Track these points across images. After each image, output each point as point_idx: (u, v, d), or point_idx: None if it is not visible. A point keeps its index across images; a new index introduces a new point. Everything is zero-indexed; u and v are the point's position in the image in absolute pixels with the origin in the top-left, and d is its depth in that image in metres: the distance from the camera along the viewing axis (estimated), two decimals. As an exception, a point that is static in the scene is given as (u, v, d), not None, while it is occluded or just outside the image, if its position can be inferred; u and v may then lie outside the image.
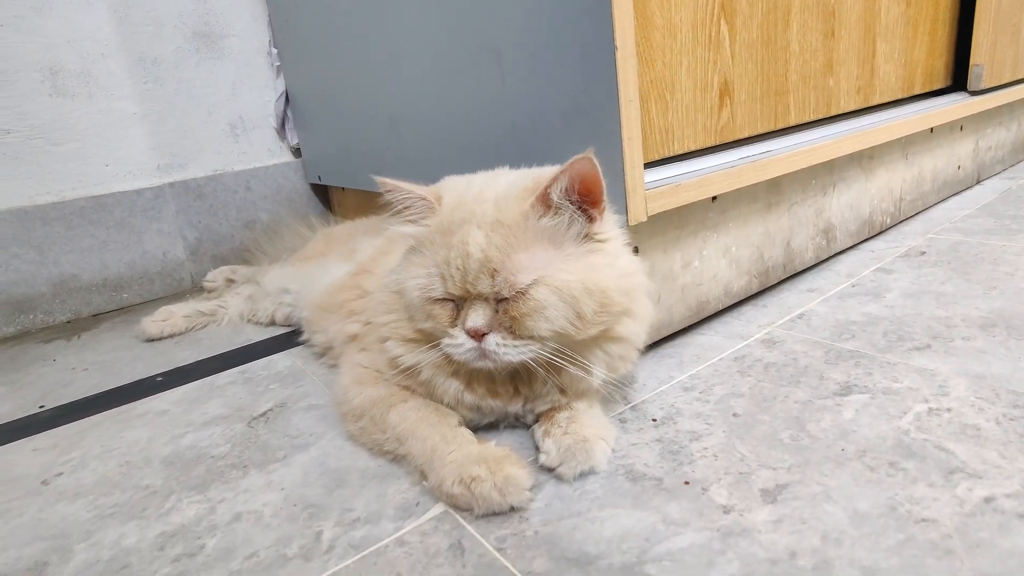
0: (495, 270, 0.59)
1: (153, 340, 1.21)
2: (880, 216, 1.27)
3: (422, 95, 1.04)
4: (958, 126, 1.44)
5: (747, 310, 1.00)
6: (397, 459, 0.69)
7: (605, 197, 0.63)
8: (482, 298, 0.61)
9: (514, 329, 0.60)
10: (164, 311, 1.24)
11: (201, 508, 0.66)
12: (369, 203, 1.38)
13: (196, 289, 1.52)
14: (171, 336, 1.22)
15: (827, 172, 1.10)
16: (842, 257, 1.19)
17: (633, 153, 0.71)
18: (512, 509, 0.59)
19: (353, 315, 0.86)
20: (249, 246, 1.59)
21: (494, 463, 0.60)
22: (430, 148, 1.07)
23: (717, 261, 0.94)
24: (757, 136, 1.03)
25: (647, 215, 0.75)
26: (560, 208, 0.60)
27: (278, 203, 1.67)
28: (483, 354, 0.61)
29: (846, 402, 0.71)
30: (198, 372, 1.03)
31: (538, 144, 0.83)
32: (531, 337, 0.60)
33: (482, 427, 0.73)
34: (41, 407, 0.97)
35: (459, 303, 0.63)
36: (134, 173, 1.47)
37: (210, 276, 1.47)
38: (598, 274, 0.61)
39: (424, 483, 0.64)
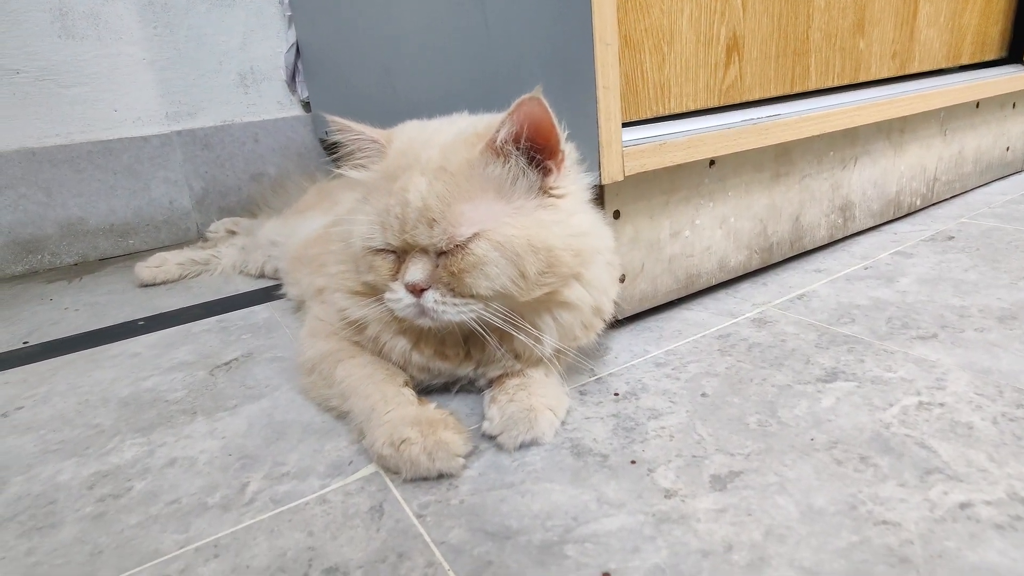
0: (434, 220, 0.55)
1: (146, 285, 1.21)
2: (909, 196, 1.17)
3: (412, 44, 0.99)
4: (1010, 102, 1.31)
5: (744, 287, 0.94)
6: (341, 416, 0.66)
7: (563, 147, 0.57)
8: (422, 251, 0.57)
9: (453, 286, 0.56)
10: (158, 257, 1.24)
11: (140, 451, 0.65)
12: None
13: (201, 239, 1.52)
14: (164, 283, 1.23)
15: (848, 143, 1.01)
16: (860, 238, 1.10)
17: (609, 103, 0.65)
18: (441, 475, 0.56)
19: (322, 268, 0.83)
20: (256, 199, 1.57)
21: (428, 426, 0.57)
22: (419, 99, 1.02)
23: (712, 232, 0.87)
24: (770, 99, 0.94)
25: (624, 174, 0.69)
26: (509, 156, 0.55)
27: (286, 157, 1.65)
28: (422, 311, 0.57)
29: (828, 389, 0.65)
30: (179, 318, 1.03)
31: (521, 92, 0.78)
32: (471, 295, 0.56)
33: (435, 389, 0.70)
34: (25, 343, 0.98)
35: (401, 255, 0.59)
36: (142, 119, 1.47)
37: (213, 227, 1.47)
38: (546, 231, 0.56)
39: (362, 442, 0.61)
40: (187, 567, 0.48)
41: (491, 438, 0.60)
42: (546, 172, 0.57)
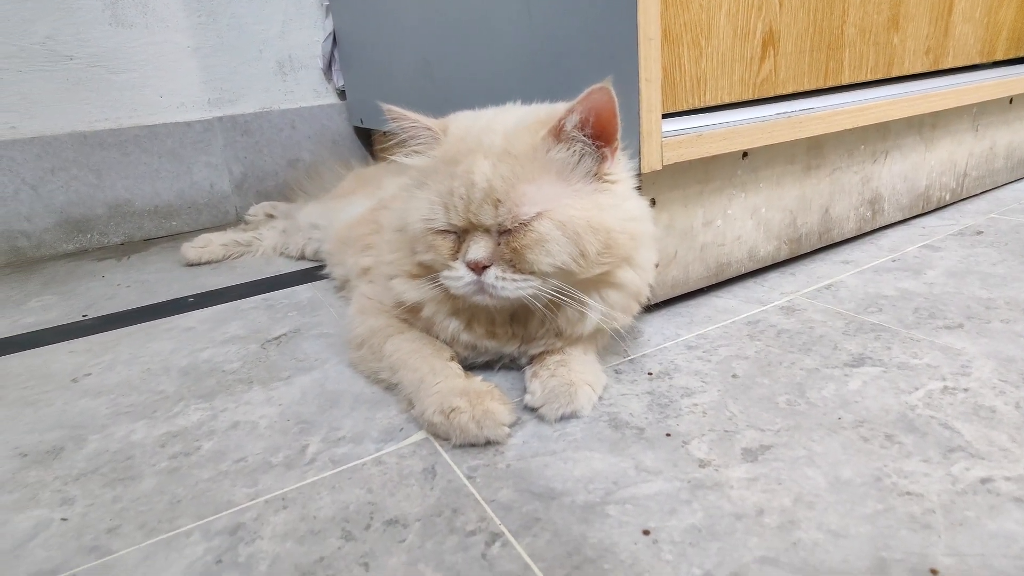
0: (499, 200, 0.58)
1: (192, 265, 1.27)
2: (938, 191, 1.18)
3: (453, 35, 1.03)
4: (1044, 99, 1.31)
5: (772, 277, 0.96)
6: (390, 388, 0.70)
7: (619, 136, 0.60)
8: (484, 230, 0.60)
9: (515, 263, 0.59)
10: (203, 238, 1.29)
11: (204, 415, 0.70)
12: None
13: (240, 222, 1.58)
14: (208, 262, 1.28)
15: (880, 138, 1.03)
16: (888, 231, 1.12)
17: (651, 96, 0.68)
18: (488, 442, 0.60)
19: (368, 249, 0.88)
20: (291, 184, 1.62)
21: (475, 396, 0.61)
22: (460, 91, 1.06)
23: (743, 222, 0.90)
24: (803, 93, 0.96)
25: (663, 164, 0.72)
26: (573, 142, 0.59)
27: (321, 144, 1.70)
28: (481, 288, 0.60)
29: (855, 373, 0.68)
30: (226, 296, 1.08)
31: (562, 84, 0.81)
32: (532, 272, 0.59)
33: (478, 366, 0.73)
34: (84, 316, 1.04)
35: (461, 236, 0.62)
36: (186, 105, 1.53)
37: (252, 210, 1.52)
38: (605, 214, 0.59)
39: (411, 411, 0.65)
40: (260, 516, 0.53)
41: (533, 410, 0.64)
42: (603, 158, 0.61)
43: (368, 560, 0.47)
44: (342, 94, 1.70)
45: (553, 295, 0.61)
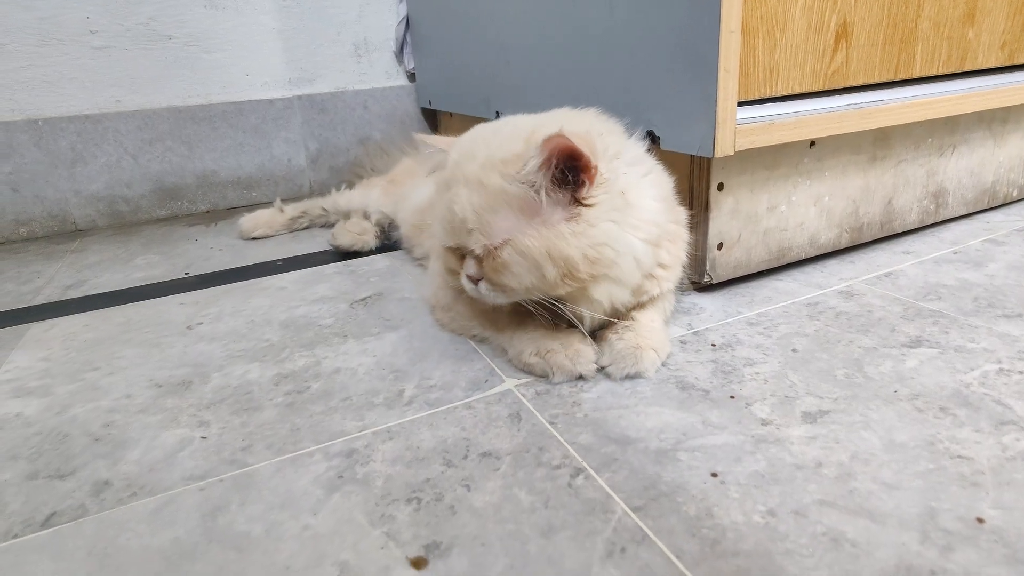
0: (471, 229, 0.65)
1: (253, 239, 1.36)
2: (1005, 187, 1.18)
3: (532, 24, 1.08)
4: (1125, 97, 1.28)
5: (832, 263, 0.99)
6: (484, 340, 0.79)
7: (595, 164, 0.62)
8: (471, 250, 0.67)
9: (492, 280, 0.66)
10: (288, 206, 1.39)
11: (308, 361, 0.79)
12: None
13: (313, 195, 1.68)
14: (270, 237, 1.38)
15: (948, 131, 1.04)
16: (951, 225, 1.13)
17: (728, 85, 0.73)
18: (581, 377, 0.69)
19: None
20: (361, 161, 1.72)
21: (565, 339, 0.70)
22: (537, 78, 1.11)
23: (806, 209, 0.93)
24: (873, 85, 0.99)
25: (734, 150, 0.76)
26: (536, 181, 0.62)
27: (391, 124, 1.78)
28: (481, 295, 0.69)
29: (912, 353, 0.72)
30: (310, 262, 1.18)
31: (640, 76, 0.86)
32: (505, 289, 0.66)
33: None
34: (186, 273, 1.15)
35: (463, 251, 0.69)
36: (269, 84, 1.63)
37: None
38: (563, 242, 0.63)
39: (507, 355, 0.75)
40: (370, 444, 0.61)
41: (602, 370, 0.71)
42: (580, 184, 0.63)
43: (469, 483, 0.55)
44: (412, 76, 1.77)
45: (544, 303, 0.68)
